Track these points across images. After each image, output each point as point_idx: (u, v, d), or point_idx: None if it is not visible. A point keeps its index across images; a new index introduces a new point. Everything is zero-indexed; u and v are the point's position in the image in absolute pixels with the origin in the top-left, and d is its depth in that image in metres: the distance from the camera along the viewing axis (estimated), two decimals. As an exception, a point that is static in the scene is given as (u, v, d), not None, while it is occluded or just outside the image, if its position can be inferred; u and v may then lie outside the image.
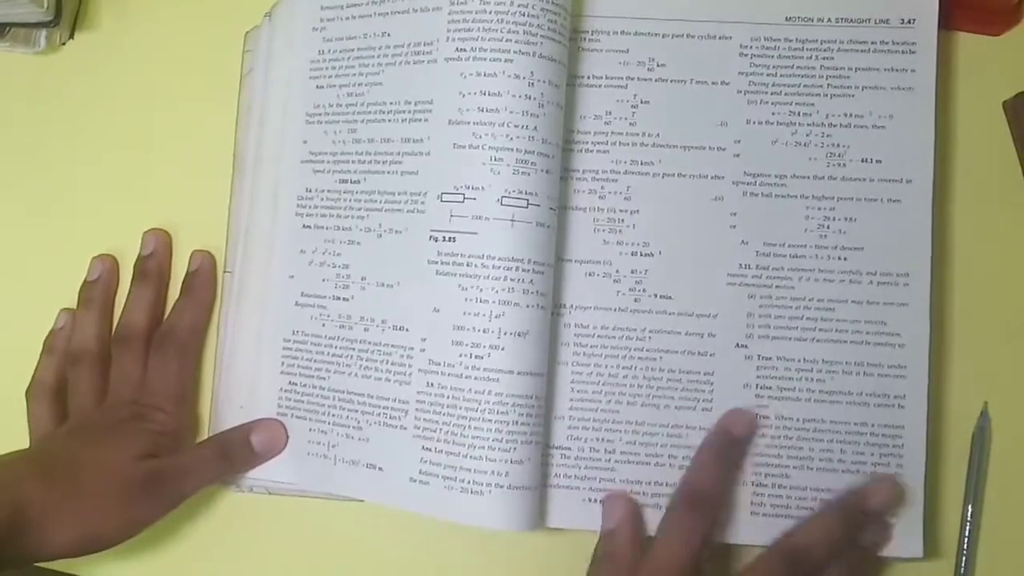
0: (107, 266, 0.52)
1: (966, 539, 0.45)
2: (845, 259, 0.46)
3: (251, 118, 0.51)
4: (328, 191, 0.49)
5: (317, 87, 0.50)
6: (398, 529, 0.49)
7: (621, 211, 0.47)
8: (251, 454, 0.47)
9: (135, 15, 0.55)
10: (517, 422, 0.43)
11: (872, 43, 0.46)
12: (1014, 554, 0.45)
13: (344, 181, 0.48)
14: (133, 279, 0.51)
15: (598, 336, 0.46)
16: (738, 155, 0.47)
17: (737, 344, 0.46)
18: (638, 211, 0.47)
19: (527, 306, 0.44)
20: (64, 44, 0.55)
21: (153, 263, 0.51)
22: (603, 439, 0.46)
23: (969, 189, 0.47)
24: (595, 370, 0.46)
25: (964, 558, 0.45)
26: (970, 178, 0.48)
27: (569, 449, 0.46)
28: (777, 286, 0.46)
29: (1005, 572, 0.45)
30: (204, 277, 0.51)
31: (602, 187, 0.47)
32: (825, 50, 0.47)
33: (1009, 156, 0.47)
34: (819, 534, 0.43)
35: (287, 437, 0.48)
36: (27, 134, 0.55)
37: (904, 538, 0.44)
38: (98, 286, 0.52)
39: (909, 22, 0.46)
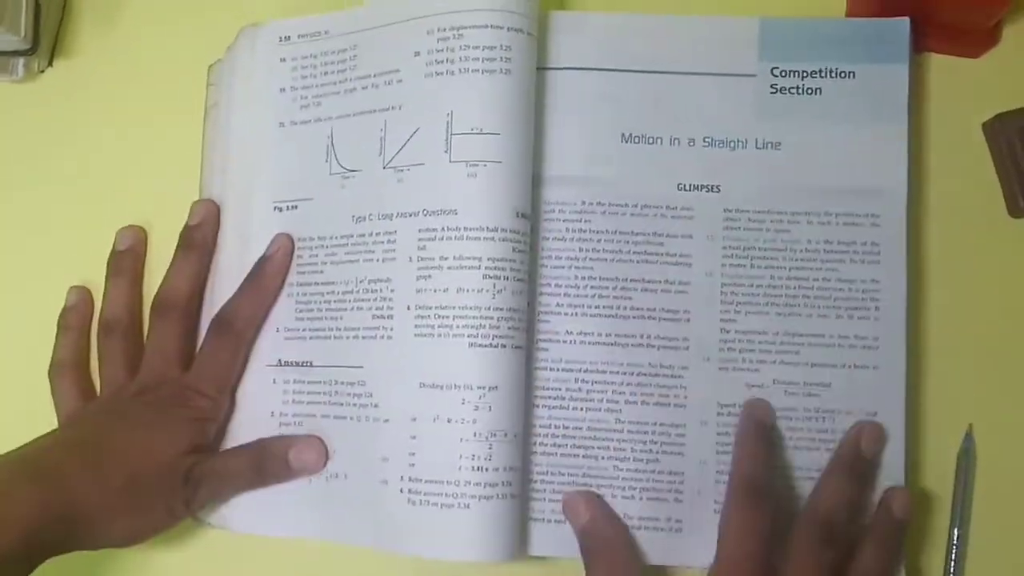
0: (137, 236, 0.52)
1: (953, 561, 0.45)
2: (818, 284, 0.46)
3: (214, 156, 0.51)
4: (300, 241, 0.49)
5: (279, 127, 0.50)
6: (375, 567, 0.48)
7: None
8: (287, 470, 0.46)
9: (115, 43, 0.55)
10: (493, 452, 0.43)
11: None
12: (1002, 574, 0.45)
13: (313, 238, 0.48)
14: (178, 248, 0.50)
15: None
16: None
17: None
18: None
19: (502, 348, 0.44)
20: (43, 72, 0.55)
21: (199, 234, 0.50)
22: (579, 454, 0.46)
23: (947, 211, 0.47)
24: (566, 388, 0.46)
25: (951, 581, 0.45)
26: (948, 200, 0.47)
27: (546, 474, 0.46)
28: (748, 312, 0.46)
29: (992, 597, 0.45)
30: (276, 266, 0.48)
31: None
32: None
33: (989, 178, 0.47)
34: (835, 495, 0.43)
35: (327, 457, 0.47)
36: (4, 162, 0.54)
37: (889, 563, 0.44)
38: (128, 256, 0.52)
39: None
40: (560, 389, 0.46)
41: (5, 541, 0.40)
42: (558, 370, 0.46)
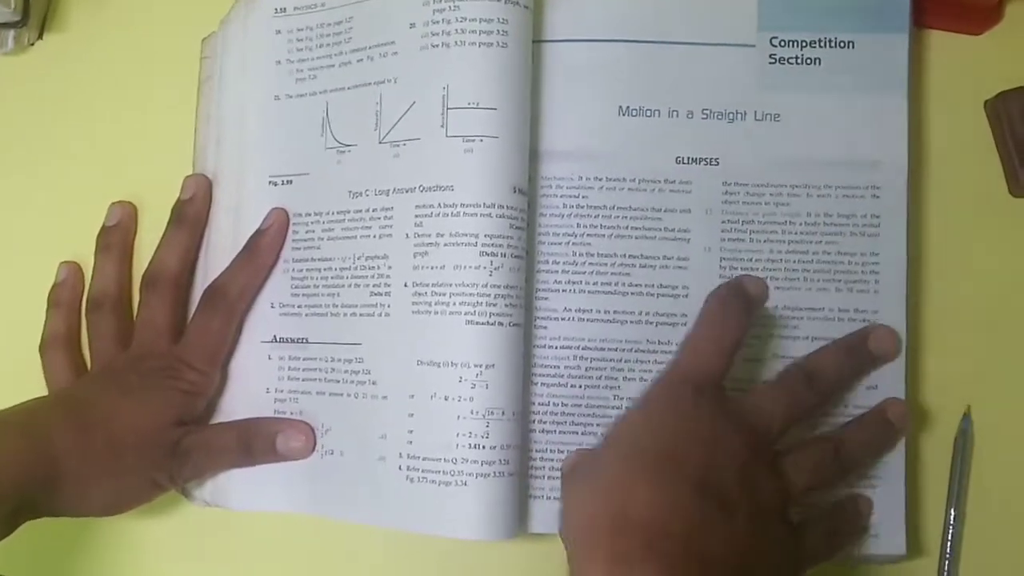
0: (126, 212, 0.52)
1: (949, 540, 0.45)
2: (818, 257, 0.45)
3: (208, 131, 0.51)
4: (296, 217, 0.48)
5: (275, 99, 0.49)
6: (372, 544, 0.49)
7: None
8: (273, 453, 0.46)
9: (105, 15, 0.54)
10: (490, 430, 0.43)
11: None
12: (997, 555, 0.45)
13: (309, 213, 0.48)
14: (169, 222, 0.50)
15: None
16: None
17: None
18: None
19: (499, 325, 0.43)
20: (32, 44, 0.54)
21: (191, 208, 0.50)
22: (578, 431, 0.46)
23: (948, 188, 0.47)
24: (564, 366, 0.46)
25: (947, 560, 0.45)
26: (949, 177, 0.47)
27: (545, 451, 0.46)
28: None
29: (988, 573, 0.45)
30: (271, 239, 0.48)
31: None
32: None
33: (990, 156, 0.47)
34: (831, 359, 0.43)
35: (314, 446, 0.47)
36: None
37: (887, 537, 0.44)
38: (117, 231, 0.51)
39: None
40: (559, 367, 0.46)
41: None
42: (556, 347, 0.46)
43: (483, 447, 0.43)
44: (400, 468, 0.44)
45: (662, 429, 0.39)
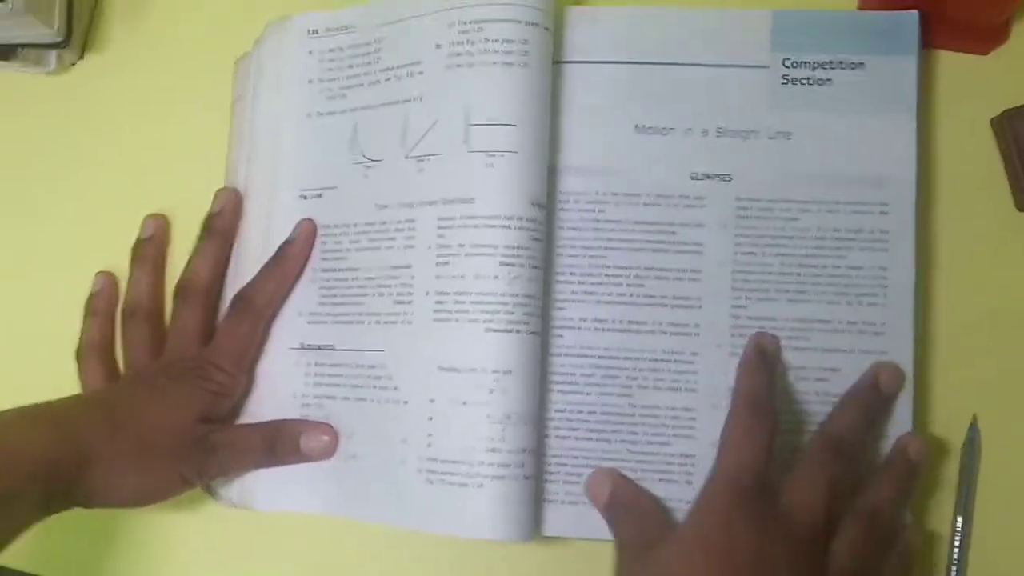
0: (160, 224, 0.54)
1: (956, 549, 0.46)
2: (827, 271, 0.46)
3: (241, 147, 0.53)
4: (324, 229, 0.50)
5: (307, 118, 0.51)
6: (391, 545, 0.50)
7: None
8: (297, 453, 0.48)
9: (143, 37, 0.56)
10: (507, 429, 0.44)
11: None
12: (1006, 563, 0.46)
13: (338, 225, 0.50)
14: (200, 235, 0.52)
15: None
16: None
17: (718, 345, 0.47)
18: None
19: (516, 333, 0.45)
20: (74, 64, 0.56)
21: (221, 221, 0.51)
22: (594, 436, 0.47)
23: (955, 203, 0.48)
24: (580, 374, 0.47)
25: (955, 568, 0.45)
26: (956, 193, 0.48)
27: (560, 456, 0.47)
28: (759, 299, 0.47)
29: (997, 585, 0.46)
30: (299, 249, 0.50)
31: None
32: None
33: (997, 174, 0.48)
34: (848, 419, 0.44)
35: (336, 446, 0.48)
36: (37, 152, 0.56)
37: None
38: (151, 243, 0.53)
39: None
40: (575, 374, 0.47)
41: (20, 475, 0.42)
42: (573, 356, 0.47)
43: (500, 450, 0.44)
44: (419, 471, 0.45)
45: (717, 551, 0.41)
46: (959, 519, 0.46)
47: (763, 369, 0.45)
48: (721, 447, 0.44)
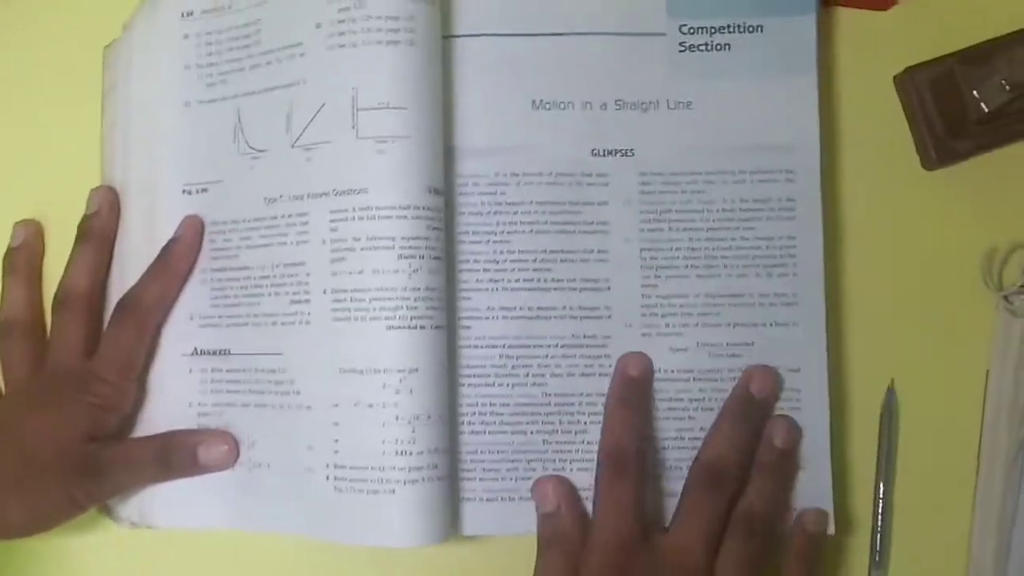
0: (31, 231, 0.50)
1: (880, 515, 0.46)
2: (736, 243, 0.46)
3: (115, 141, 0.50)
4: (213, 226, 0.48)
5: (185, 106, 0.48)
6: (305, 555, 0.48)
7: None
8: (194, 465, 0.46)
9: (3, 23, 0.52)
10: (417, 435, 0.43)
11: None
12: (928, 527, 0.46)
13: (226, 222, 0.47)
14: (76, 239, 0.49)
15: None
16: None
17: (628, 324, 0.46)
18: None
19: (421, 329, 0.43)
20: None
21: (98, 223, 0.48)
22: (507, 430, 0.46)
23: (862, 165, 0.47)
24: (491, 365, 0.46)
25: (879, 534, 0.45)
26: (862, 154, 0.47)
27: (475, 453, 0.45)
28: (668, 276, 0.46)
29: (920, 548, 0.46)
30: (184, 247, 0.47)
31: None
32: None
33: (901, 131, 0.47)
34: (722, 440, 0.44)
35: (237, 456, 0.46)
36: None
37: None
38: (23, 252, 0.50)
39: None
40: (485, 366, 0.46)
41: None
42: (482, 347, 0.46)
43: (410, 453, 0.42)
44: (328, 478, 0.43)
45: None
46: (881, 484, 0.46)
47: (621, 412, 0.44)
48: (593, 513, 0.44)
